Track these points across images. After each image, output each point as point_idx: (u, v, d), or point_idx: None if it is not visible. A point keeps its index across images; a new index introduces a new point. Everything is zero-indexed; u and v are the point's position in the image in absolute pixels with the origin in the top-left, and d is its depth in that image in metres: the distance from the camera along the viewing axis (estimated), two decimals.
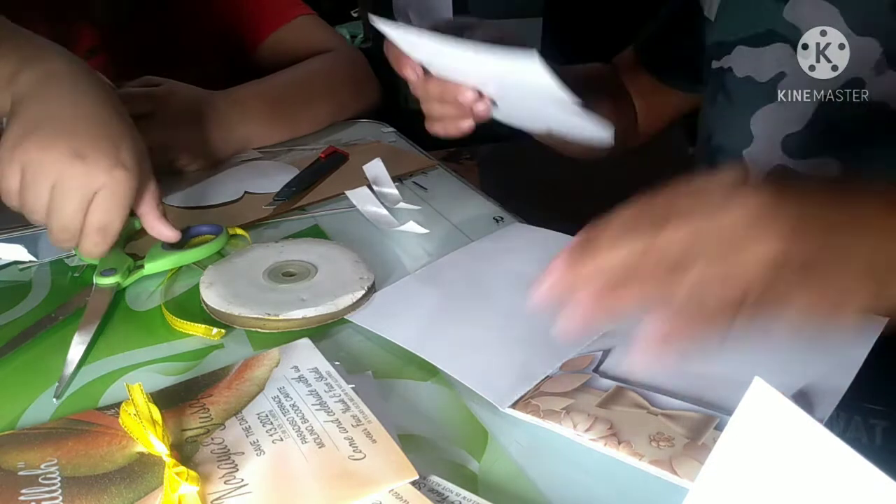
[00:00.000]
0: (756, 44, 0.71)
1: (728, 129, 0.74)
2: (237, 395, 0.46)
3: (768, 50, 0.69)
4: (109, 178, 0.56)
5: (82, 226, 0.56)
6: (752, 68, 0.71)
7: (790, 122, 0.69)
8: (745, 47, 0.71)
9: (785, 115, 0.69)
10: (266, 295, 0.56)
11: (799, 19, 0.67)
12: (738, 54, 0.72)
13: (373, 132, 0.97)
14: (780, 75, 0.69)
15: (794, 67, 0.68)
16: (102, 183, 0.56)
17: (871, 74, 0.64)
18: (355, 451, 0.40)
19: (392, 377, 0.50)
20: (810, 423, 0.32)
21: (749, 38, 0.71)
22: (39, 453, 0.42)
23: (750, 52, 0.71)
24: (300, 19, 1.06)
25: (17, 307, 0.59)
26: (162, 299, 0.59)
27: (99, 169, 0.55)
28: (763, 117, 0.71)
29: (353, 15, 2.98)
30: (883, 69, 0.63)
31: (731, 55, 0.73)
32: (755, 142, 0.71)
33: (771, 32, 0.69)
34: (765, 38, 0.70)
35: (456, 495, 0.39)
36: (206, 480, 0.39)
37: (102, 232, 0.57)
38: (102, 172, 0.55)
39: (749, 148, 0.72)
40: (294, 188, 0.76)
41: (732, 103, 0.73)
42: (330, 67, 1.00)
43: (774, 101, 0.70)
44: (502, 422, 0.46)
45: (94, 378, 0.50)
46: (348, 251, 0.62)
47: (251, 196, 0.77)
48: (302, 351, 0.50)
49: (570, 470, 0.42)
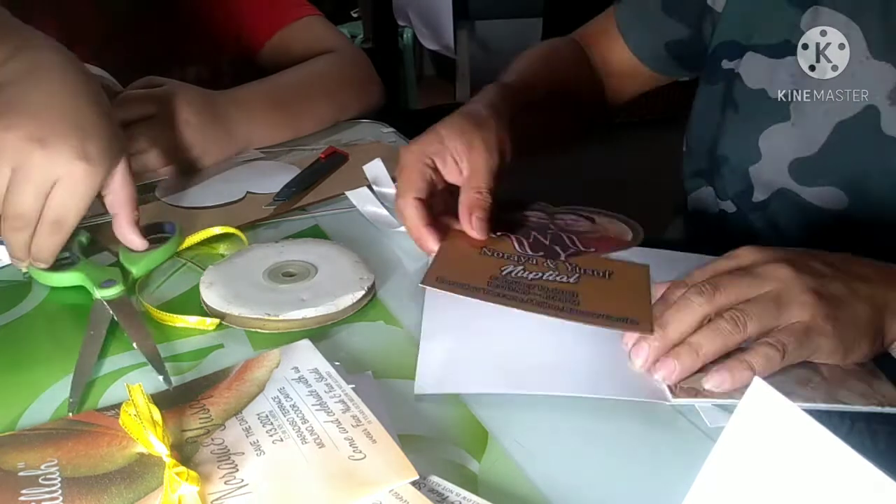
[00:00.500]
0: (770, 54, 0.68)
1: (736, 142, 0.72)
2: (237, 395, 0.46)
3: (783, 64, 0.67)
4: (69, 168, 0.54)
5: (38, 217, 0.54)
6: (765, 80, 0.69)
7: (801, 146, 0.67)
8: (757, 55, 0.69)
9: (796, 138, 0.68)
10: (266, 295, 0.56)
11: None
12: (750, 61, 0.70)
13: (373, 132, 0.97)
14: (792, 94, 0.67)
15: (808, 85, 0.66)
16: (61, 173, 0.53)
17: (885, 103, 0.62)
18: (355, 451, 0.40)
19: (392, 377, 0.50)
20: (810, 423, 0.32)
21: (762, 47, 0.69)
22: (39, 454, 0.42)
23: (763, 61, 0.69)
24: (305, 20, 1.06)
25: (18, 307, 0.59)
26: (150, 300, 0.59)
27: (60, 158, 0.53)
28: (773, 136, 0.69)
29: (354, 15, 2.98)
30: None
31: (742, 59, 0.71)
32: (763, 160, 0.70)
33: (787, 45, 0.67)
34: (780, 49, 0.67)
35: (456, 495, 0.39)
36: (207, 481, 0.39)
37: (56, 225, 0.55)
38: (64, 162, 0.53)
39: (756, 165, 0.71)
40: (294, 188, 0.76)
41: (741, 115, 0.72)
42: (333, 68, 0.99)
43: (787, 121, 0.68)
44: (502, 422, 0.46)
45: (93, 378, 0.50)
46: (348, 251, 0.62)
47: (253, 196, 0.77)
48: (302, 352, 0.50)
49: (570, 470, 0.42)
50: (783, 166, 0.69)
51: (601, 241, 0.61)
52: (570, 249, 0.58)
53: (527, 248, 0.57)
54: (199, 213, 0.74)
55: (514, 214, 0.65)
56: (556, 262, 0.56)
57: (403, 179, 0.61)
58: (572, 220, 0.65)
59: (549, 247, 0.58)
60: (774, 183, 0.70)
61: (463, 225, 0.59)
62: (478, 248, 0.57)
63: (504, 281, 0.52)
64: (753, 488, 0.34)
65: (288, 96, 0.92)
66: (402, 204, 0.60)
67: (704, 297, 0.48)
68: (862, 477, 0.30)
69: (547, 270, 0.54)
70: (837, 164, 0.66)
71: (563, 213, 0.67)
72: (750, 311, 0.46)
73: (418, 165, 0.60)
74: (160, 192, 0.77)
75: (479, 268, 0.54)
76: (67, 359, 0.51)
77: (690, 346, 0.47)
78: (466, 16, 2.25)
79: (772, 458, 0.34)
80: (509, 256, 0.56)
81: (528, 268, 0.54)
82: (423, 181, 0.60)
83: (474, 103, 0.67)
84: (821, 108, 0.66)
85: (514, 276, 0.53)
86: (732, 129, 0.73)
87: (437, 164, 0.60)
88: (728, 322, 0.46)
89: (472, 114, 0.63)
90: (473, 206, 0.59)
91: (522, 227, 0.63)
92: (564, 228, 0.63)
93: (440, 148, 0.60)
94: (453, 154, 0.60)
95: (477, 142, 0.60)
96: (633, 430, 0.46)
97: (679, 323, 0.48)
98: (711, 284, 0.48)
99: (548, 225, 0.63)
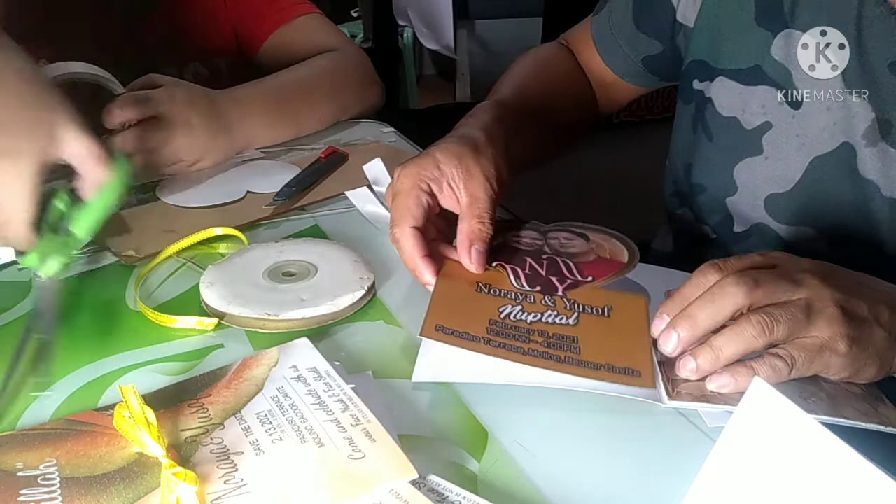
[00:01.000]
0: (741, 80, 0.65)
1: (710, 170, 0.70)
2: (236, 394, 0.46)
3: (755, 93, 0.65)
4: None
5: None
6: (737, 108, 0.66)
7: (775, 182, 0.65)
8: (728, 80, 0.66)
9: (770, 173, 0.65)
10: (266, 295, 0.56)
11: (788, 59, 0.62)
12: (722, 86, 0.67)
13: (373, 132, 0.97)
14: (765, 125, 0.64)
15: (780, 117, 0.64)
16: None
17: (861, 143, 0.60)
18: (354, 450, 0.40)
19: (392, 377, 0.50)
20: (810, 423, 0.32)
21: (734, 72, 0.66)
22: (38, 454, 0.42)
23: (734, 88, 0.66)
24: (304, 18, 1.06)
25: (18, 307, 0.59)
26: (150, 300, 0.59)
27: None
28: (747, 169, 0.66)
29: (353, 15, 2.98)
30: (875, 140, 0.59)
31: (712, 83, 0.68)
32: (739, 192, 0.68)
33: (757, 70, 0.64)
34: (751, 76, 0.65)
35: (456, 495, 0.39)
36: (206, 480, 0.39)
37: (6, 224, 0.54)
38: None
39: (732, 197, 0.68)
40: (294, 188, 0.76)
41: (715, 144, 0.69)
42: (334, 67, 0.99)
43: (759, 155, 0.65)
44: (502, 422, 0.46)
45: (93, 378, 0.50)
46: (348, 251, 0.62)
47: (253, 195, 0.77)
48: (300, 350, 0.50)
49: (570, 470, 0.42)
50: (759, 202, 0.66)
51: (598, 266, 0.59)
52: (568, 280, 0.57)
53: (523, 280, 0.56)
54: (200, 212, 0.74)
55: (506, 236, 0.63)
56: (553, 297, 0.55)
57: (400, 206, 0.58)
58: (566, 238, 0.64)
59: (545, 278, 0.57)
60: (751, 217, 0.68)
61: (461, 257, 0.57)
62: (473, 283, 0.56)
63: (503, 326, 0.51)
64: (753, 488, 0.34)
65: (289, 96, 0.92)
66: (398, 234, 0.57)
67: (742, 288, 0.46)
68: (862, 477, 0.30)
69: (546, 310, 0.54)
70: (813, 203, 0.64)
71: (555, 230, 0.65)
72: (780, 317, 0.45)
73: (415, 191, 0.58)
74: (161, 192, 0.77)
75: (476, 309, 0.53)
76: (67, 358, 0.52)
77: (712, 348, 0.46)
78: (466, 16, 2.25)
79: (772, 457, 0.34)
80: (506, 293, 0.55)
81: (527, 307, 0.53)
82: (419, 208, 0.57)
83: (469, 126, 0.64)
84: (794, 143, 0.63)
85: (514, 318, 0.52)
86: (706, 157, 0.70)
87: (433, 189, 0.58)
88: (754, 327, 0.45)
89: (468, 139, 0.61)
90: (475, 238, 0.57)
91: (517, 253, 0.61)
92: (559, 251, 0.62)
93: (437, 174, 0.58)
94: (450, 181, 0.58)
95: (475, 169, 0.58)
96: (633, 430, 0.45)
97: (712, 313, 0.46)
98: (752, 277, 0.46)
99: (542, 248, 0.62)
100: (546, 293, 0.56)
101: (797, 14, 0.62)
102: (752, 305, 0.46)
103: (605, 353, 0.49)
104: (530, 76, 0.80)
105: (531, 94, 0.76)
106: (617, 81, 0.82)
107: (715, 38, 0.67)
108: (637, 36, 0.77)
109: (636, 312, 0.54)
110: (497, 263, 0.58)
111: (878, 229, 0.62)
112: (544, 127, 0.76)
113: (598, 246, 0.62)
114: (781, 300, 0.47)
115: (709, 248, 0.75)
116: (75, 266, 0.64)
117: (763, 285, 0.46)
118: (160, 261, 0.64)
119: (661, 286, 0.56)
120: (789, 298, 0.47)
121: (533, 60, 0.84)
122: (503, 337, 0.50)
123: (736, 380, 0.46)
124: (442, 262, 0.58)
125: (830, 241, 0.64)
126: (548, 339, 0.50)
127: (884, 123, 0.59)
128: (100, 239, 0.66)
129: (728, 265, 0.49)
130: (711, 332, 0.47)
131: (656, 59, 0.78)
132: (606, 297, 0.56)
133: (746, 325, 0.45)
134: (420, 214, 0.57)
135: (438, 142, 0.62)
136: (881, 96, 0.59)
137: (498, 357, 0.48)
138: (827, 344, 0.46)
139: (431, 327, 0.50)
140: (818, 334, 0.46)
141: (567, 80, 0.83)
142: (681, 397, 0.46)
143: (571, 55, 0.85)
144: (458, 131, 0.63)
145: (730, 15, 0.66)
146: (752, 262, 0.49)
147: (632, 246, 0.62)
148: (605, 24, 0.81)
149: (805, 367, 0.46)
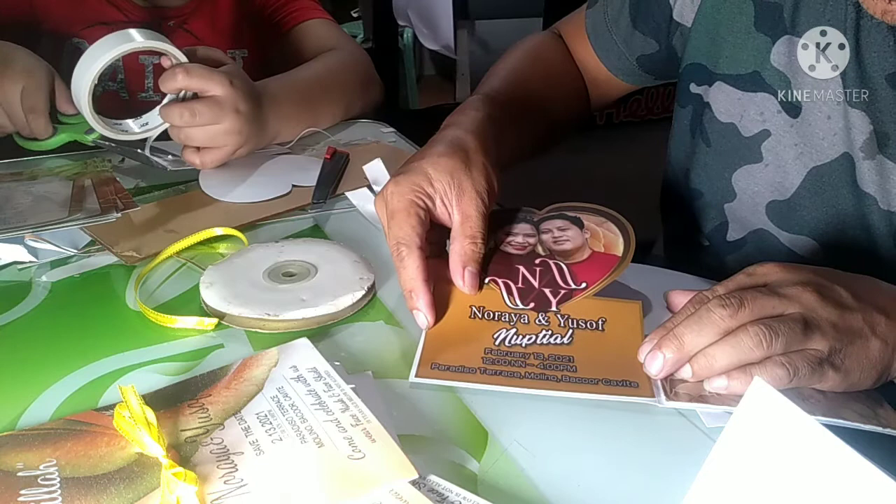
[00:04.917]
0: (740, 86, 0.65)
1: (709, 177, 0.69)
2: (236, 395, 0.46)
3: (754, 100, 0.64)
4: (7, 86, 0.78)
5: None
6: (735, 114, 0.66)
7: (775, 190, 0.65)
8: (726, 86, 0.66)
9: (770, 181, 0.65)
10: (266, 295, 0.56)
11: (788, 64, 0.62)
12: (720, 91, 0.66)
13: (373, 132, 0.97)
14: (763, 134, 0.64)
15: (779, 125, 0.63)
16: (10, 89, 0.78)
17: (860, 155, 0.59)
18: (354, 450, 0.40)
19: (392, 377, 0.50)
20: (810, 423, 0.32)
21: (732, 77, 0.65)
22: (38, 454, 0.42)
23: (733, 93, 0.65)
24: (319, 20, 1.10)
25: (17, 307, 0.59)
26: (150, 300, 0.59)
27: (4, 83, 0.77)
28: (746, 176, 0.66)
29: (354, 15, 2.98)
30: (873, 153, 0.59)
31: (710, 88, 0.67)
32: (739, 199, 0.67)
33: (756, 77, 0.64)
34: (749, 82, 0.64)
35: (456, 495, 0.39)
36: (206, 480, 0.39)
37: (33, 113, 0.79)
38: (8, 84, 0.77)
39: (731, 203, 0.68)
40: (326, 188, 0.78)
41: (713, 150, 0.68)
42: (343, 65, 1.01)
43: (759, 162, 0.65)
44: (502, 422, 0.46)
45: (93, 378, 0.50)
46: (348, 251, 0.62)
47: (299, 189, 0.78)
48: (300, 350, 0.50)
49: (570, 470, 0.42)
50: (760, 208, 0.66)
51: (592, 267, 0.58)
52: (562, 291, 0.56)
53: (516, 297, 0.56)
54: (251, 207, 0.75)
55: (498, 236, 0.62)
56: (547, 314, 0.55)
57: (403, 225, 0.56)
58: (560, 229, 0.63)
59: (539, 291, 0.57)
60: (752, 223, 0.67)
61: (454, 279, 0.56)
62: (467, 306, 0.55)
63: (499, 353, 0.51)
64: (753, 488, 0.34)
65: (310, 92, 0.93)
66: (405, 253, 0.55)
67: (728, 310, 0.46)
68: (862, 477, 0.30)
69: (540, 330, 0.53)
70: (811, 212, 0.64)
71: (548, 217, 0.65)
72: (778, 330, 0.45)
73: (414, 209, 0.56)
74: (203, 183, 0.79)
75: (471, 339, 0.52)
76: (67, 359, 0.52)
77: (707, 357, 0.46)
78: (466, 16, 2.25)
79: (771, 457, 0.34)
80: (500, 316, 0.55)
81: (521, 329, 0.53)
82: (422, 227, 0.56)
83: (459, 127, 0.62)
84: (792, 151, 0.63)
85: (509, 343, 0.52)
86: (704, 163, 0.70)
87: (428, 206, 0.57)
88: (752, 338, 0.45)
89: (458, 148, 0.59)
90: (467, 260, 0.56)
91: (509, 260, 0.60)
92: (553, 248, 0.61)
93: (431, 191, 0.57)
94: (443, 198, 0.57)
95: (467, 184, 0.57)
96: (632, 430, 0.45)
97: (697, 336, 0.46)
98: (737, 298, 0.46)
99: (535, 248, 0.61)
100: (540, 309, 0.55)
101: (797, 21, 0.61)
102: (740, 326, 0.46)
103: (601, 368, 0.49)
104: (522, 68, 0.79)
105: (523, 87, 0.76)
106: (610, 78, 0.82)
107: (714, 42, 0.67)
108: (633, 34, 0.77)
109: (630, 322, 0.54)
110: (490, 279, 0.58)
111: (877, 242, 0.61)
112: (535, 121, 0.76)
113: (593, 235, 0.61)
114: (774, 315, 0.46)
115: (702, 255, 0.75)
116: (75, 266, 0.64)
117: (750, 305, 0.46)
118: (160, 261, 0.64)
119: (657, 288, 0.56)
120: (782, 313, 0.46)
121: (525, 52, 0.83)
122: (499, 364, 0.50)
123: (734, 383, 0.46)
124: (434, 283, 0.56)
125: (830, 249, 0.64)
126: (543, 360, 0.50)
127: (881, 136, 0.58)
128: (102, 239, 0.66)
129: (715, 291, 0.49)
130: None
131: (651, 59, 0.77)
132: (600, 307, 0.55)
133: (744, 337, 0.45)
134: (423, 234, 0.56)
135: (427, 146, 0.61)
136: (879, 108, 0.58)
137: (495, 385, 0.48)
138: (826, 359, 0.46)
139: (427, 367, 0.49)
140: (817, 347, 0.45)
141: (559, 74, 0.82)
142: (678, 398, 0.46)
143: (564, 47, 0.84)
144: (448, 133, 0.62)
145: (729, 18, 0.65)
146: (737, 284, 0.49)
147: (626, 227, 0.61)
148: (601, 19, 0.80)
149: (805, 380, 0.45)
